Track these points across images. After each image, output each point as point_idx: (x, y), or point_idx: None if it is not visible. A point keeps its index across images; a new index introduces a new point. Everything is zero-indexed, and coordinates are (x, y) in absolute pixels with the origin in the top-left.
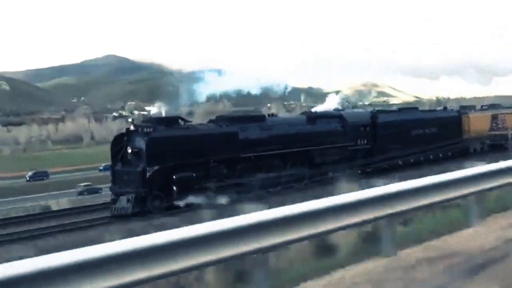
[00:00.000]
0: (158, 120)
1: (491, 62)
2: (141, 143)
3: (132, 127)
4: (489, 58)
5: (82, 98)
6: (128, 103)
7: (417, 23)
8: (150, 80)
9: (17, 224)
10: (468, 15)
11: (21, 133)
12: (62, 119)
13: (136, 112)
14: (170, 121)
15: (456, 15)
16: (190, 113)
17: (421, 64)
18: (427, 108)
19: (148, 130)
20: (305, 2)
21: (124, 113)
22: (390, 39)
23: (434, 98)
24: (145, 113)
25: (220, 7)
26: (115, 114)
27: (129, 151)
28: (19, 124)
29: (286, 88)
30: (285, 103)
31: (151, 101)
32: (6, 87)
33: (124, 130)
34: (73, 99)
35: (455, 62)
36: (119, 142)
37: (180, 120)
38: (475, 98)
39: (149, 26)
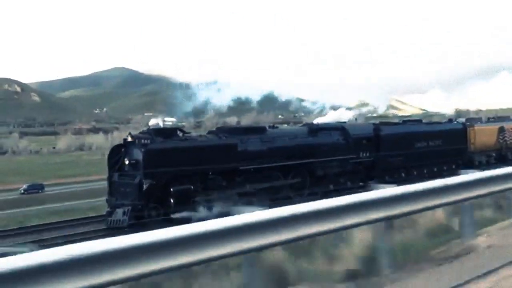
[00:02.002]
0: (156, 132)
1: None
2: (138, 154)
3: (129, 138)
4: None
5: (105, 109)
6: (145, 114)
7: (417, 23)
8: (164, 92)
9: None
10: (468, 15)
11: (92, 139)
12: (95, 129)
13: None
14: (168, 133)
15: (456, 15)
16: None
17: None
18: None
19: (146, 141)
20: (305, 2)
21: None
22: (390, 39)
23: (453, 110)
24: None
25: (221, 15)
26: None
27: (126, 162)
28: (55, 133)
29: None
30: (296, 114)
31: (167, 113)
32: (36, 98)
33: None
34: (96, 110)
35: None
36: (117, 153)
37: (178, 132)
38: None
39: (156, 38)
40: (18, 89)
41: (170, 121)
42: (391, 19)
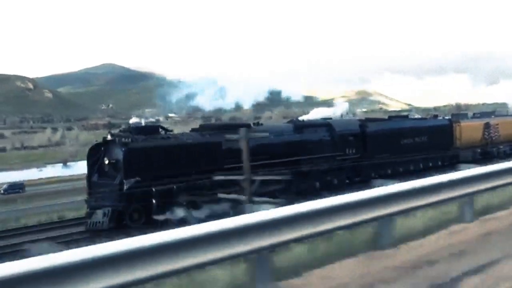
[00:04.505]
0: (137, 130)
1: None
2: (118, 154)
3: (109, 137)
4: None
5: (110, 105)
6: (147, 110)
7: (417, 23)
8: (160, 88)
9: None
10: (468, 15)
11: None
12: (110, 125)
13: None
14: (149, 131)
15: (456, 15)
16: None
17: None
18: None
19: (126, 140)
20: (305, 2)
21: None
22: (389, 38)
23: (453, 104)
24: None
25: (214, 10)
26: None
27: (106, 162)
28: (70, 129)
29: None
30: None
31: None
32: (49, 95)
33: None
34: (102, 106)
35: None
36: (96, 152)
37: (160, 129)
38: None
39: (145, 34)
40: (30, 85)
41: (173, 116)
42: (391, 19)
